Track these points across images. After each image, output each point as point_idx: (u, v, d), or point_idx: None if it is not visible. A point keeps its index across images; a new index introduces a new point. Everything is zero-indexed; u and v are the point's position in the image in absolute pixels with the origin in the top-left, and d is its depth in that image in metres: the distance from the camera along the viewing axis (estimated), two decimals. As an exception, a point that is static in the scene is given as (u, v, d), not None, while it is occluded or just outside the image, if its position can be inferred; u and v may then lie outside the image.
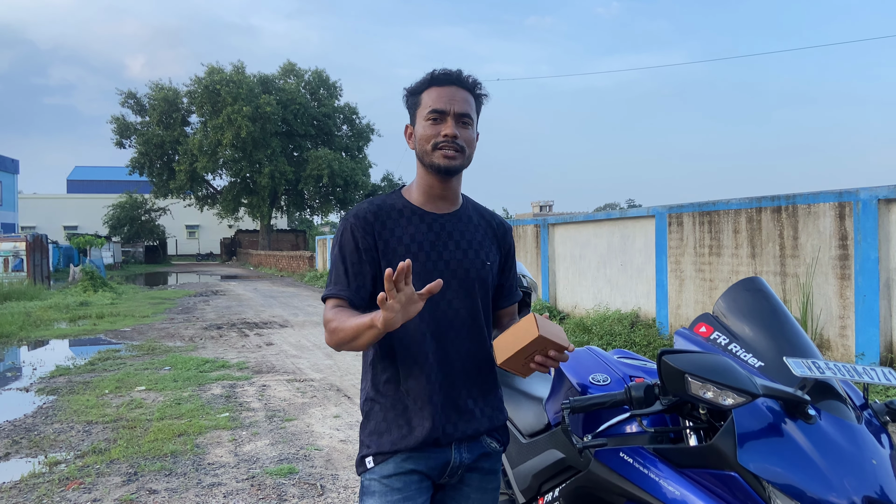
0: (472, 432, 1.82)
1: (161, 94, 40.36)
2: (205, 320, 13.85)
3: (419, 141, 1.81)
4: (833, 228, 6.97)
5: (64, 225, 58.96)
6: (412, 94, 1.86)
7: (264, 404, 6.51)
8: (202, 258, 59.44)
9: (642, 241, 10.12)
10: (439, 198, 1.87)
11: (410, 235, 1.81)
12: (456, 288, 1.82)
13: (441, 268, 1.81)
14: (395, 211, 1.85)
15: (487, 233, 1.94)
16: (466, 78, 1.83)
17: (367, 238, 1.80)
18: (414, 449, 1.77)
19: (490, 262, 1.90)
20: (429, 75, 1.84)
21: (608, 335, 9.41)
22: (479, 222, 1.94)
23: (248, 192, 42.74)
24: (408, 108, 1.89)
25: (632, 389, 1.73)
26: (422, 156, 1.82)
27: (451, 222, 1.87)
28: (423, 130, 1.80)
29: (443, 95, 1.79)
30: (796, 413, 1.59)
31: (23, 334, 11.81)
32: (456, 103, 1.78)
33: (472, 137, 1.83)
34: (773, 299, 1.85)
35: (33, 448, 5.26)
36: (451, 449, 1.81)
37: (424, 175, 1.85)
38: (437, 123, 1.78)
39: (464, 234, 1.87)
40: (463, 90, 1.82)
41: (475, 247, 1.88)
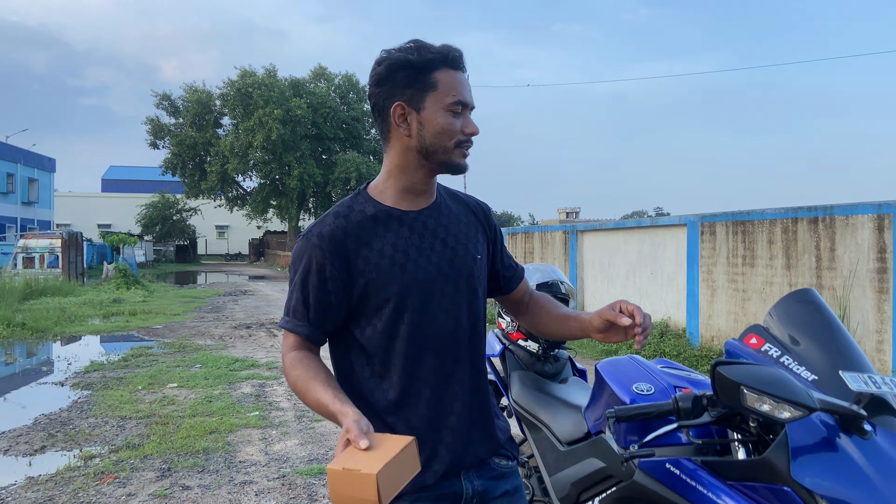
0: (482, 456, 1.61)
1: (194, 96, 40.97)
2: (234, 319, 14.00)
3: (436, 133, 1.51)
4: (871, 241, 6.83)
5: (98, 223, 60.09)
6: (418, 70, 1.51)
7: (293, 404, 6.55)
8: (231, 258, 60.12)
9: (673, 249, 10.01)
10: (419, 193, 1.60)
11: (392, 244, 1.54)
12: (451, 294, 1.57)
13: (433, 274, 1.55)
14: (369, 218, 1.56)
15: (469, 220, 1.68)
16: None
17: (335, 263, 1.51)
18: (421, 489, 1.52)
19: (480, 255, 1.66)
20: (440, 51, 1.52)
21: (638, 344, 9.32)
22: (458, 210, 1.68)
23: (277, 193, 43.17)
24: (399, 82, 1.52)
25: (679, 400, 1.71)
26: (433, 150, 1.53)
27: (433, 217, 1.61)
28: (444, 121, 1.51)
29: (461, 82, 1.53)
30: (851, 428, 1.56)
31: (58, 329, 12.05)
32: (470, 94, 1.55)
33: None
34: (827, 311, 1.81)
35: (69, 442, 5.35)
36: (461, 480, 1.57)
37: (416, 169, 1.57)
38: (457, 117, 1.52)
39: (448, 229, 1.62)
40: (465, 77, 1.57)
41: (462, 241, 1.63)
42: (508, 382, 2.89)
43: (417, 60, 1.50)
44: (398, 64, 1.51)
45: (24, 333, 11.45)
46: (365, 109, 44.28)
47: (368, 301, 1.53)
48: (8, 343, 10.78)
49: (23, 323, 11.96)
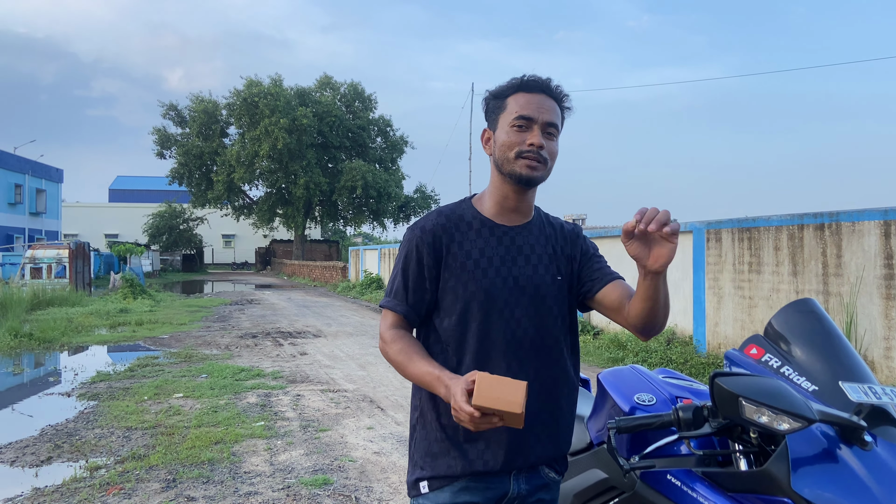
0: (533, 461, 1.72)
1: (201, 106, 41.22)
2: (240, 329, 14.03)
3: (500, 147, 1.71)
4: (878, 247, 6.80)
5: (105, 233, 60.40)
6: (496, 98, 1.76)
7: (298, 414, 6.55)
8: (237, 267, 60.31)
9: (679, 256, 9.99)
10: (513, 210, 1.77)
11: (479, 249, 1.73)
12: (526, 305, 1.72)
13: (510, 284, 1.72)
14: (465, 223, 1.76)
15: (557, 244, 1.82)
16: (556, 87, 1.74)
17: (431, 254, 1.73)
18: (472, 476, 1.68)
19: (561, 277, 1.79)
20: (517, 79, 1.73)
21: (644, 352, 9.29)
22: (551, 234, 1.83)
23: (284, 202, 43.33)
24: (487, 111, 1.78)
25: (680, 411, 1.70)
26: (501, 163, 1.71)
27: (522, 235, 1.77)
28: (506, 137, 1.70)
29: (531, 102, 1.69)
30: (852, 439, 1.55)
31: (65, 340, 12.09)
32: (544, 112, 1.69)
33: (555, 150, 1.73)
34: (827, 321, 1.80)
35: (75, 452, 5.37)
36: (510, 478, 1.71)
37: (500, 184, 1.75)
38: (522, 131, 1.68)
39: (534, 248, 1.77)
40: (551, 99, 1.72)
41: (545, 261, 1.78)
42: None
43: (497, 91, 1.76)
44: (486, 98, 1.79)
45: (31, 344, 11.50)
46: (370, 118, 44.47)
47: (448, 294, 1.73)
48: (15, 353, 10.83)
49: (30, 333, 12.01)
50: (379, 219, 45.44)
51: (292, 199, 42.00)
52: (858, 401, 1.57)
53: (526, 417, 1.58)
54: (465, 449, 1.69)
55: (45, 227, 42.18)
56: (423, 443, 1.76)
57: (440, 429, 1.72)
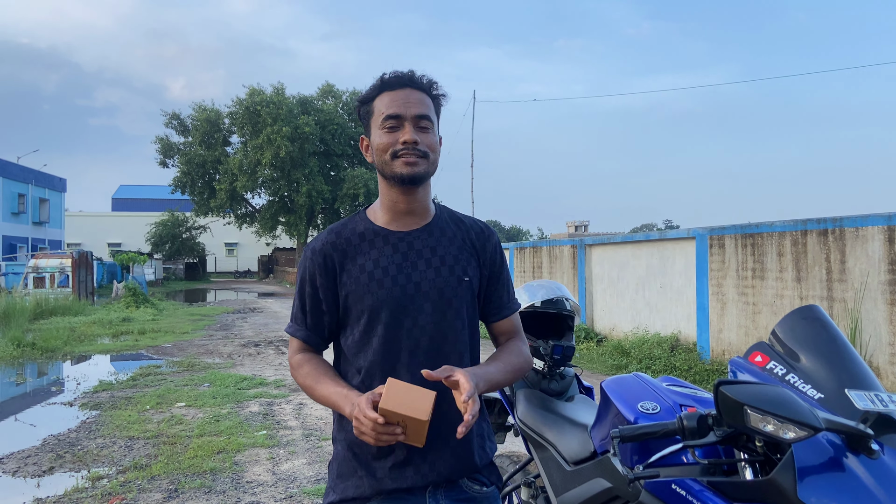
0: (447, 475, 1.64)
1: (203, 114, 41.32)
2: (243, 337, 14.02)
3: (377, 152, 1.67)
4: (882, 252, 6.77)
5: (108, 242, 60.51)
6: (363, 103, 1.72)
7: (301, 423, 6.53)
8: (240, 275, 60.34)
9: (682, 263, 9.97)
10: (405, 213, 1.72)
11: (374, 261, 1.67)
12: (429, 311, 1.65)
13: (411, 291, 1.65)
14: (357, 235, 1.72)
15: (465, 244, 1.75)
16: (420, 78, 1.69)
17: (323, 275, 1.69)
18: (384, 496, 1.61)
19: (468, 278, 1.71)
20: (378, 80, 1.69)
21: (647, 359, 9.26)
22: (455, 233, 1.76)
23: (286, 210, 43.36)
24: (361, 118, 1.75)
25: (684, 419, 1.68)
26: (382, 167, 1.67)
27: (421, 238, 1.71)
28: (379, 139, 1.66)
29: (396, 99, 1.65)
30: (858, 447, 1.53)
31: (67, 349, 12.09)
32: (412, 106, 1.64)
33: (434, 142, 1.67)
34: (832, 328, 1.79)
35: (77, 462, 5.35)
36: (426, 496, 1.63)
37: (388, 189, 1.71)
38: (393, 131, 1.64)
39: (435, 251, 1.70)
40: (418, 91, 1.68)
41: (449, 262, 1.70)
42: (514, 401, 2.87)
43: (363, 96, 1.72)
44: (356, 106, 1.76)
45: (34, 353, 11.50)
46: (372, 126, 44.52)
47: (349, 312, 1.69)
48: (18, 363, 10.83)
49: (33, 343, 12.01)
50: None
51: (295, 207, 42.04)
52: (865, 409, 1.55)
53: (433, 429, 1.53)
54: (374, 468, 1.64)
55: (49, 236, 42.28)
56: (333, 465, 1.72)
57: (347, 448, 1.68)
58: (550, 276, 14.10)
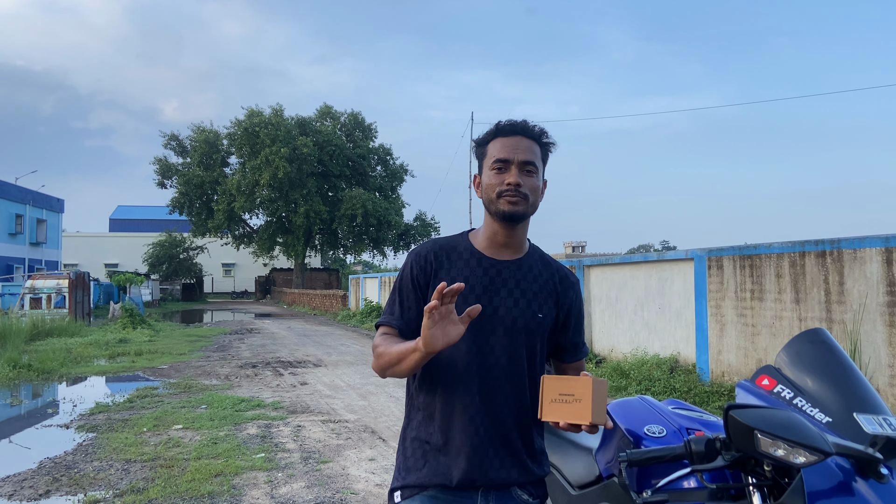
0: (500, 482, 1.79)
1: (202, 135, 41.52)
2: (240, 359, 13.95)
3: (485, 189, 1.85)
4: (880, 274, 6.79)
5: (105, 262, 60.44)
6: (479, 146, 1.92)
7: (299, 445, 6.48)
8: (237, 296, 60.20)
9: (681, 284, 9.98)
10: (502, 245, 1.89)
11: (465, 277, 1.84)
12: (501, 335, 1.82)
13: (489, 313, 1.81)
14: (456, 252, 1.90)
15: (547, 285, 1.92)
16: (532, 127, 1.86)
17: (422, 276, 1.87)
18: (441, 488, 1.79)
19: (542, 315, 1.88)
20: (494, 127, 1.88)
21: (647, 380, 9.23)
22: (541, 272, 1.93)
23: (284, 231, 43.41)
24: (476, 158, 1.94)
25: (692, 443, 1.68)
26: (487, 203, 1.85)
27: (510, 269, 1.88)
28: (488, 179, 1.84)
29: (507, 145, 1.83)
30: (867, 471, 1.53)
31: (64, 370, 12.01)
32: (519, 152, 1.82)
33: (536, 185, 1.84)
34: (839, 351, 1.79)
35: (73, 486, 5.30)
36: (478, 495, 1.80)
37: (490, 222, 1.88)
38: (501, 172, 1.82)
39: (519, 283, 1.87)
40: (527, 139, 1.85)
41: (528, 297, 1.87)
42: None
43: (480, 139, 1.93)
44: (473, 147, 1.97)
45: (30, 375, 11.42)
46: (370, 147, 44.77)
47: None
48: (14, 385, 10.75)
49: (29, 364, 11.93)
50: (379, 247, 45.50)
51: (292, 228, 42.09)
52: (874, 433, 1.55)
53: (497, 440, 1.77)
54: (433, 463, 1.80)
55: (46, 256, 42.19)
56: (403, 459, 1.88)
57: (419, 445, 1.84)
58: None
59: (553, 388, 1.57)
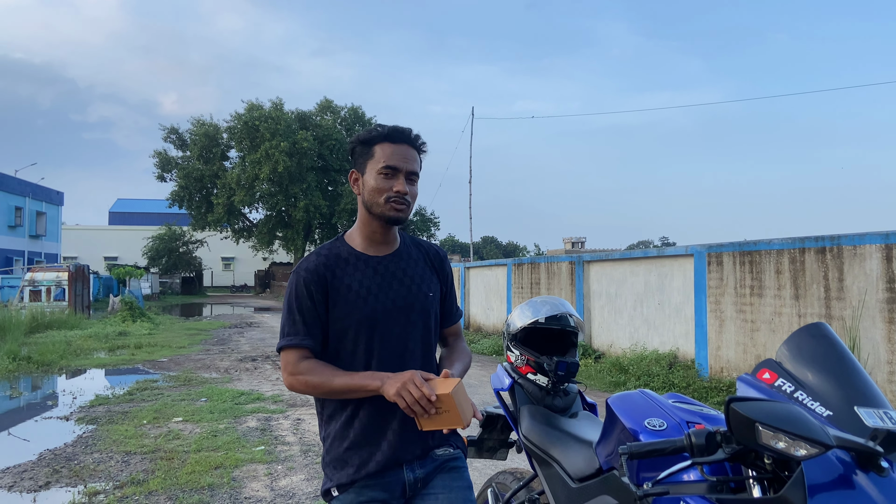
0: (419, 452, 1.98)
1: (202, 129, 41.40)
2: (240, 352, 13.97)
3: (369, 191, 1.96)
4: (880, 270, 6.80)
5: (105, 255, 60.37)
6: (363, 144, 1.99)
7: (299, 438, 6.50)
8: (237, 290, 60.18)
9: (680, 280, 9.98)
10: (381, 242, 2.05)
11: (358, 281, 1.97)
12: (403, 323, 1.99)
13: (388, 306, 1.97)
14: (342, 259, 2.01)
15: (426, 265, 2.12)
16: (416, 138, 2.00)
17: (319, 290, 1.95)
18: (370, 477, 1.93)
19: (432, 294, 2.08)
20: (383, 129, 1.98)
21: (646, 376, 9.24)
22: (418, 256, 2.12)
23: (284, 225, 43.35)
24: (354, 154, 2.03)
25: (692, 436, 1.68)
26: (370, 205, 1.97)
27: (393, 262, 2.05)
28: (375, 182, 1.95)
29: (396, 153, 1.95)
30: (868, 465, 1.53)
31: (63, 363, 12.03)
32: (408, 162, 1.96)
33: (416, 193, 2.00)
34: (840, 345, 1.79)
35: (73, 477, 5.31)
36: (403, 470, 1.96)
37: (369, 221, 2.01)
38: (388, 178, 1.94)
39: (405, 272, 2.05)
40: (412, 149, 1.99)
41: (417, 281, 2.05)
42: (518, 417, 2.86)
43: (365, 138, 2.00)
44: (354, 142, 2.03)
45: (29, 367, 11.44)
46: (370, 141, 44.67)
47: (336, 324, 1.96)
48: (13, 377, 10.76)
49: (28, 357, 11.95)
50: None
51: (292, 222, 42.03)
52: (874, 426, 1.56)
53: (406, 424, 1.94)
54: (362, 456, 1.94)
55: (45, 249, 42.16)
56: (328, 456, 2.01)
57: (341, 440, 1.97)
58: (548, 292, 14.10)
59: None
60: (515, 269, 15.93)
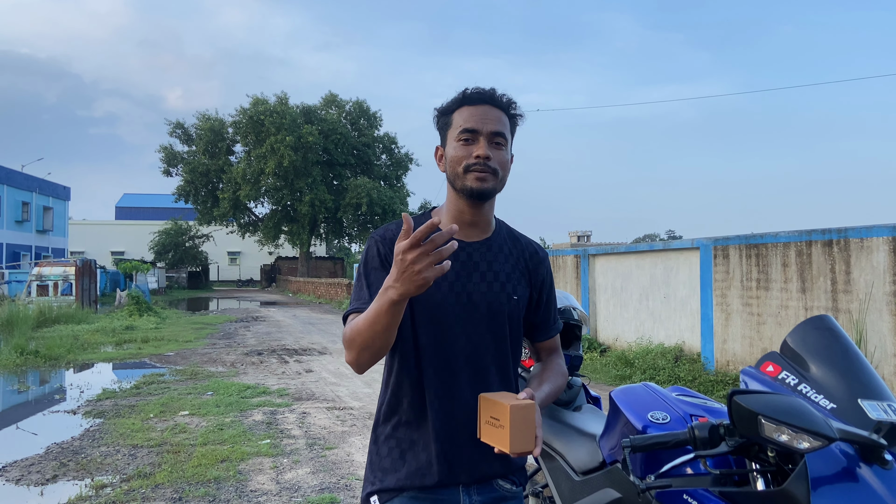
0: (480, 475, 1.69)
1: (207, 124, 41.48)
2: (246, 346, 14.01)
3: (450, 163, 1.70)
4: (887, 263, 6.76)
5: (111, 250, 60.62)
6: (443, 114, 1.75)
7: (305, 432, 6.52)
8: (242, 284, 60.34)
9: (686, 273, 9.96)
10: (469, 224, 1.74)
11: None
12: (477, 322, 1.69)
13: (464, 300, 1.69)
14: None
15: (518, 264, 1.80)
16: (500, 97, 1.72)
17: (391, 256, 1.64)
18: (420, 489, 1.67)
19: (517, 297, 1.76)
20: (460, 94, 1.72)
21: (651, 369, 9.23)
22: (511, 251, 1.80)
23: (289, 219, 43.43)
24: (438, 128, 1.78)
25: (696, 429, 1.68)
26: (453, 179, 1.70)
27: (480, 251, 1.74)
28: (453, 151, 1.69)
29: (475, 114, 1.68)
30: (872, 458, 1.53)
31: (70, 357, 12.08)
32: (489, 122, 1.67)
33: (505, 159, 1.70)
34: (844, 338, 1.78)
35: (80, 471, 5.34)
36: (460, 491, 1.68)
37: (455, 199, 1.73)
38: (468, 144, 1.67)
39: (491, 265, 1.74)
40: (496, 109, 1.70)
41: (502, 279, 1.74)
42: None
43: (443, 107, 1.75)
44: (435, 115, 1.79)
45: (37, 361, 11.50)
46: (375, 135, 44.69)
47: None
48: (21, 371, 10.82)
49: (36, 351, 12.01)
50: (384, 236, 45.38)
51: (297, 217, 42.10)
52: (878, 419, 1.55)
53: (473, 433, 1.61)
54: (412, 462, 1.68)
55: (52, 244, 42.37)
56: (376, 459, 1.74)
57: (393, 444, 1.71)
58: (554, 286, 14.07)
59: (486, 409, 1.52)
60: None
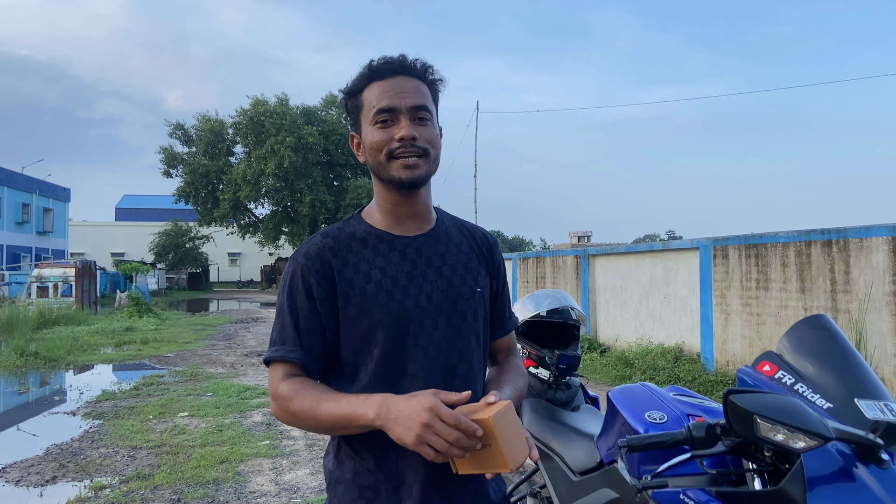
0: None
1: (207, 125, 41.49)
2: (245, 347, 14.00)
3: (370, 151, 1.45)
4: (887, 263, 6.76)
5: (111, 251, 60.64)
6: (350, 96, 1.50)
7: (304, 433, 6.51)
8: (243, 285, 60.33)
9: (686, 273, 9.96)
10: (407, 217, 1.51)
11: (380, 269, 1.44)
12: (444, 327, 1.44)
13: (423, 303, 1.43)
14: (357, 241, 1.47)
15: (472, 251, 1.57)
16: (413, 62, 1.46)
17: (321, 283, 1.42)
18: None
19: (480, 288, 1.52)
20: (366, 67, 1.46)
21: (651, 370, 9.23)
22: (461, 239, 1.57)
23: (289, 220, 43.43)
24: (349, 112, 1.52)
25: (692, 429, 1.68)
26: (377, 169, 1.45)
27: (428, 245, 1.50)
28: (371, 137, 1.43)
29: (388, 89, 1.43)
30: (868, 457, 1.53)
31: (70, 358, 12.08)
32: (406, 96, 1.42)
33: (434, 135, 1.45)
34: (841, 338, 1.78)
35: (79, 472, 5.34)
36: None
37: (384, 192, 1.49)
38: (387, 126, 1.42)
39: (445, 258, 1.50)
40: (412, 79, 1.45)
41: (461, 271, 1.50)
42: (519, 410, 2.86)
43: (350, 88, 1.50)
44: (342, 99, 1.52)
45: (37, 363, 11.50)
46: (376, 136, 44.67)
47: (350, 331, 1.43)
48: (21, 372, 10.82)
49: (36, 352, 12.01)
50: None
51: (298, 217, 42.10)
52: (875, 418, 1.55)
53: (445, 468, 1.33)
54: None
55: (52, 245, 42.38)
56: (335, 487, 1.47)
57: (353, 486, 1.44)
58: (554, 286, 14.09)
59: None
60: (521, 263, 15.92)
